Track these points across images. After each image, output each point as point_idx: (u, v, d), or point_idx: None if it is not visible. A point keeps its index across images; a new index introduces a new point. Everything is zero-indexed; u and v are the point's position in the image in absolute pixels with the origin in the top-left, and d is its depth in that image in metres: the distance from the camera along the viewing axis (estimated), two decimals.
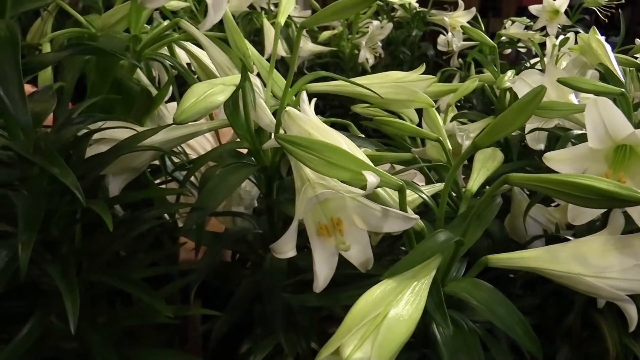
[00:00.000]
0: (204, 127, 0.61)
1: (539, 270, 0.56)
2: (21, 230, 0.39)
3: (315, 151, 0.48)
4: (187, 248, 0.72)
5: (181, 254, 0.77)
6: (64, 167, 0.38)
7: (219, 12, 0.34)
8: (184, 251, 0.75)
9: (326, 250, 0.50)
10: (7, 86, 0.34)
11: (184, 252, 0.77)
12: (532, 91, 0.49)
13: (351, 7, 0.53)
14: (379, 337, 0.39)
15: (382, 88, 0.65)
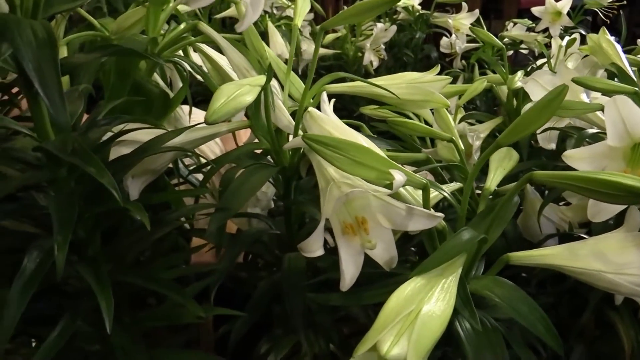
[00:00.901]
0: (223, 129, 0.62)
1: (559, 268, 0.57)
2: (56, 231, 0.39)
3: (342, 150, 0.48)
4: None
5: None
6: (101, 167, 0.39)
7: (257, 11, 0.34)
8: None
9: (352, 249, 0.51)
10: (46, 87, 0.34)
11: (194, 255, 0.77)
12: (554, 90, 0.49)
13: (373, 9, 0.54)
14: (414, 334, 0.40)
15: (399, 89, 0.65)
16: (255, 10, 0.33)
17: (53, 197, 0.41)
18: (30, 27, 0.36)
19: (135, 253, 0.51)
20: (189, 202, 0.68)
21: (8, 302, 0.39)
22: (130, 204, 0.42)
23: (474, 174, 0.54)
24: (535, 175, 0.49)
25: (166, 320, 0.52)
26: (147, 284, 0.47)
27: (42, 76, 0.34)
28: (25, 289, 0.40)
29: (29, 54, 0.34)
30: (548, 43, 1.39)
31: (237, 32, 0.61)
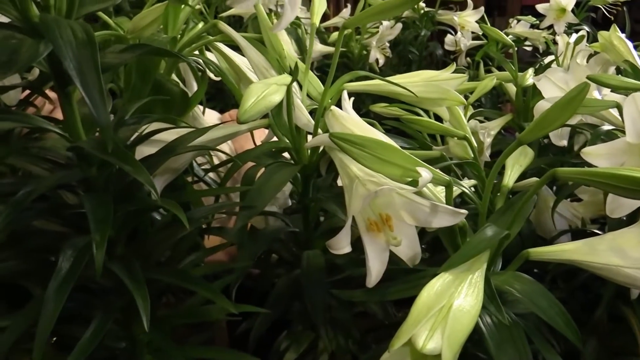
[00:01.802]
0: (243, 127, 0.62)
1: (578, 263, 0.57)
2: (93, 230, 0.39)
3: (369, 148, 0.49)
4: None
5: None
6: (138, 165, 0.39)
7: (294, 10, 0.34)
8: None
9: (377, 245, 0.51)
10: (87, 87, 0.34)
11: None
12: (576, 88, 0.50)
13: (396, 7, 0.54)
14: (448, 328, 0.40)
15: (416, 87, 0.66)
16: (293, 10, 0.34)
17: (87, 197, 0.41)
18: (69, 27, 0.36)
19: (160, 251, 0.52)
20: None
21: (45, 301, 0.40)
22: (167, 202, 0.43)
23: (495, 170, 0.55)
24: (559, 172, 0.50)
25: (194, 318, 0.52)
26: (178, 281, 0.48)
27: (83, 76, 0.34)
28: (62, 288, 0.40)
29: (70, 54, 0.34)
30: (553, 40, 1.40)
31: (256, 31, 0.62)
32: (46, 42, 0.38)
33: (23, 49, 0.37)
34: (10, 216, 0.39)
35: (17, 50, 0.37)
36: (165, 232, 0.52)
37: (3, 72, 0.36)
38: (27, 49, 0.37)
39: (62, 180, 0.44)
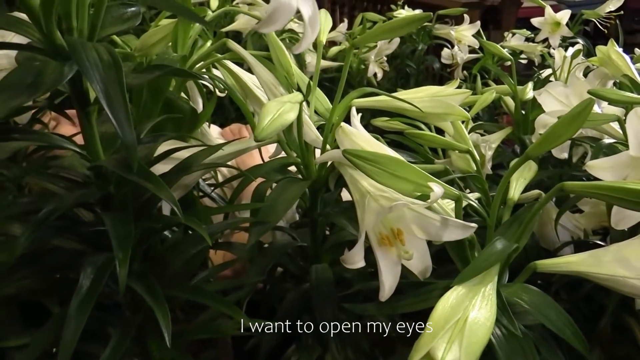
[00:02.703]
0: (253, 144, 0.63)
1: (584, 274, 0.58)
2: (116, 248, 0.40)
3: (381, 164, 0.50)
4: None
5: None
6: (161, 184, 0.40)
7: (315, 31, 0.35)
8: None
9: (389, 259, 0.52)
10: (113, 108, 0.35)
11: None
12: (582, 103, 0.51)
13: (404, 26, 0.55)
14: (465, 340, 0.41)
15: (421, 102, 0.67)
16: (313, 30, 0.35)
17: (108, 215, 0.42)
18: (95, 49, 0.37)
19: (173, 268, 0.52)
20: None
21: (68, 320, 0.40)
22: (190, 220, 0.43)
23: (504, 184, 0.56)
24: (567, 186, 0.51)
25: (207, 333, 0.53)
26: (196, 298, 0.48)
27: (109, 97, 0.35)
28: (83, 306, 0.41)
29: (97, 76, 0.35)
30: (547, 53, 1.43)
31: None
32: (71, 64, 0.38)
33: (47, 71, 0.38)
34: (33, 235, 0.39)
35: (41, 72, 0.38)
36: (179, 248, 0.52)
37: (29, 94, 0.36)
38: (51, 71, 0.38)
39: (82, 198, 0.44)
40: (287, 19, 0.32)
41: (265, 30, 0.32)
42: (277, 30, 1.44)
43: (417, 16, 0.55)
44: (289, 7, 0.31)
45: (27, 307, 0.51)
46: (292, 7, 0.32)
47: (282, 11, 0.31)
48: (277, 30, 1.45)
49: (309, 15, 0.34)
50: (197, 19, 0.32)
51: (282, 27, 0.32)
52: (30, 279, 0.47)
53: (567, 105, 0.78)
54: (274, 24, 0.31)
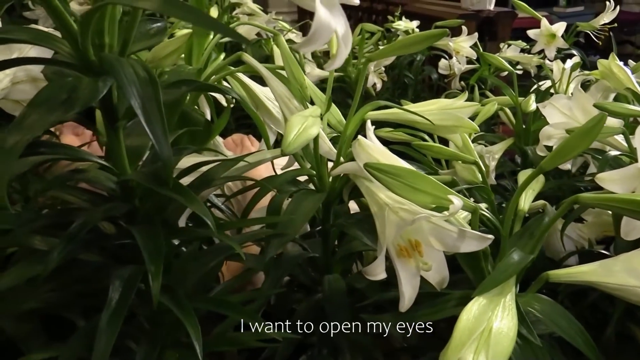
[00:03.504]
0: (267, 156, 0.63)
1: (595, 284, 0.59)
2: (148, 262, 0.40)
3: (401, 178, 0.51)
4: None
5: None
6: (192, 197, 0.40)
7: (348, 46, 0.36)
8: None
9: (408, 271, 0.53)
10: (151, 123, 0.35)
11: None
12: (595, 117, 0.53)
13: (418, 43, 0.56)
14: (490, 351, 0.42)
15: (432, 115, 0.68)
16: (346, 47, 0.35)
17: (137, 229, 0.42)
18: (130, 65, 0.37)
19: (192, 280, 0.52)
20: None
21: (99, 333, 0.40)
22: (224, 235, 0.44)
23: (518, 196, 0.57)
24: (581, 198, 0.52)
25: (226, 345, 0.53)
26: (219, 309, 0.49)
27: (146, 113, 0.36)
28: (114, 319, 0.41)
29: (135, 92, 0.36)
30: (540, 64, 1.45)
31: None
32: (104, 80, 0.39)
33: (81, 87, 0.38)
34: (66, 250, 0.40)
35: (75, 88, 0.38)
36: (199, 261, 0.53)
37: (65, 110, 0.37)
38: (85, 87, 0.38)
39: (110, 212, 0.45)
40: (327, 39, 0.33)
41: (305, 50, 0.33)
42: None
43: (434, 32, 0.56)
44: (328, 28, 0.32)
45: (48, 320, 0.51)
46: (331, 27, 0.32)
47: (322, 32, 0.32)
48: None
49: (342, 33, 0.35)
50: (236, 36, 0.33)
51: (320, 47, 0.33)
52: (54, 293, 0.47)
53: (571, 117, 0.79)
54: (314, 44, 0.32)
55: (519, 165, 1.07)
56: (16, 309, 0.47)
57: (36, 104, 0.37)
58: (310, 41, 0.32)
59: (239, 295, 0.59)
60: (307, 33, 0.33)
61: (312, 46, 0.32)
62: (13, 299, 0.45)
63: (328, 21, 0.32)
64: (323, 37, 0.32)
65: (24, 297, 0.45)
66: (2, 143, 0.34)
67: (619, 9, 1.41)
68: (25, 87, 0.60)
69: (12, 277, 0.42)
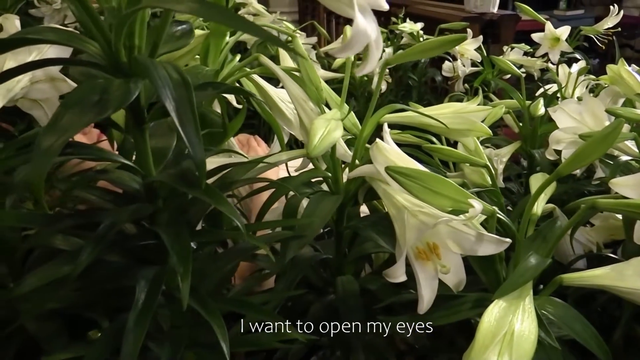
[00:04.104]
0: (283, 157, 0.64)
1: (607, 288, 0.60)
2: (177, 263, 0.40)
3: (422, 181, 0.51)
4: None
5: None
6: (222, 199, 0.40)
7: (379, 49, 0.37)
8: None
9: (427, 273, 0.53)
10: (185, 126, 0.36)
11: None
12: (613, 123, 0.53)
13: (438, 48, 0.57)
14: (514, 353, 0.43)
15: (446, 118, 0.68)
16: (378, 51, 0.36)
17: (163, 229, 0.42)
18: (164, 67, 0.37)
19: (212, 282, 0.53)
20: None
21: (126, 334, 0.40)
22: (253, 238, 0.44)
23: (534, 199, 0.58)
24: (599, 203, 0.53)
25: (246, 346, 0.53)
26: (242, 310, 0.49)
27: (180, 115, 0.36)
28: (141, 319, 0.41)
29: (169, 94, 0.36)
30: (545, 68, 1.46)
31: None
32: (135, 82, 0.39)
33: (112, 89, 0.39)
34: (96, 250, 0.40)
35: (106, 90, 0.39)
36: (217, 263, 0.53)
37: (97, 112, 0.37)
38: (117, 89, 0.38)
39: (137, 213, 0.45)
40: (364, 45, 0.33)
41: (343, 55, 0.33)
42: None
43: (453, 37, 0.56)
44: (365, 34, 0.32)
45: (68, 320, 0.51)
46: (367, 34, 0.33)
47: (360, 38, 0.32)
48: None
49: (374, 37, 0.36)
50: (276, 41, 0.33)
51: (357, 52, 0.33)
52: (77, 293, 0.47)
53: (581, 122, 0.80)
54: (352, 50, 0.32)
55: (524, 168, 1.07)
56: (39, 309, 0.47)
57: (69, 105, 0.37)
58: (347, 47, 0.32)
59: (256, 296, 0.59)
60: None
61: (349, 52, 0.32)
62: (36, 298, 0.45)
63: (365, 28, 0.33)
64: (360, 43, 0.32)
65: (47, 297, 0.45)
66: (38, 144, 0.34)
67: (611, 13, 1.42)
68: (44, 86, 0.60)
69: (39, 278, 0.42)
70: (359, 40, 0.32)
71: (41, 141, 0.34)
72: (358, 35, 0.32)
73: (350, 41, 0.32)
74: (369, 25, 0.34)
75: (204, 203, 0.49)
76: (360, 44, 0.32)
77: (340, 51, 0.32)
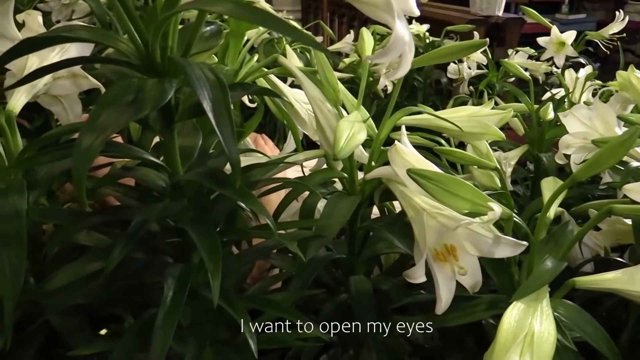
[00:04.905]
0: (300, 157, 0.64)
1: (618, 291, 0.61)
2: (207, 260, 0.41)
3: (443, 184, 0.52)
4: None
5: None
6: (253, 198, 0.41)
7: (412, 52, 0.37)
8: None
9: (445, 274, 0.54)
10: (221, 126, 0.36)
11: None
12: (630, 131, 0.54)
13: (457, 53, 0.58)
14: (535, 354, 0.43)
15: (460, 121, 0.69)
16: (411, 52, 0.36)
17: (193, 228, 0.43)
18: (200, 68, 0.38)
19: (233, 280, 0.53)
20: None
21: (155, 331, 0.41)
22: (284, 236, 0.45)
23: (550, 203, 0.58)
24: (615, 208, 0.54)
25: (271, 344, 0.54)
26: (266, 308, 0.49)
27: (217, 116, 0.36)
28: (169, 316, 0.41)
29: (206, 95, 0.36)
30: (550, 72, 1.47)
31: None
32: (169, 82, 0.40)
33: (147, 88, 0.39)
34: (128, 248, 0.40)
35: (141, 89, 0.39)
36: (239, 261, 0.54)
37: (134, 111, 0.37)
38: (151, 88, 0.39)
39: (166, 211, 0.45)
40: (402, 51, 0.34)
41: (382, 60, 0.34)
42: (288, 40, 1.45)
43: (474, 43, 0.57)
44: (403, 40, 0.33)
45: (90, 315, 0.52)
46: (405, 40, 0.33)
47: (399, 44, 0.33)
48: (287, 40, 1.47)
49: (408, 40, 0.36)
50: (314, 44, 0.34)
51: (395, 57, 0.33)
52: (102, 289, 0.48)
53: (591, 127, 0.81)
54: (391, 55, 0.33)
55: (530, 171, 1.09)
56: (65, 304, 0.47)
57: (104, 104, 0.37)
58: (387, 52, 0.33)
59: (273, 295, 0.60)
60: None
61: (388, 57, 0.33)
62: (62, 294, 0.46)
63: (403, 34, 0.33)
64: (399, 48, 0.33)
65: (74, 292, 0.46)
66: (78, 144, 0.35)
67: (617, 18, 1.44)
68: (65, 82, 0.60)
69: (69, 274, 0.43)
70: (398, 46, 0.33)
71: (81, 141, 0.35)
72: (397, 41, 0.32)
73: (389, 47, 0.32)
74: (406, 32, 0.34)
75: (228, 202, 0.49)
76: (399, 49, 0.33)
77: (380, 56, 0.33)
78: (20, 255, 0.42)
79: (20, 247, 0.42)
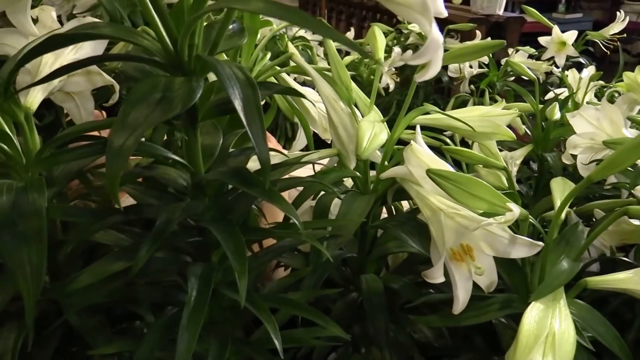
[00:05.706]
0: (315, 156, 0.64)
1: (629, 291, 0.62)
2: (233, 261, 0.40)
3: (461, 184, 0.52)
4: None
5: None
6: (281, 198, 0.41)
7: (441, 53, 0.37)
8: None
9: (462, 274, 0.54)
10: (252, 125, 0.36)
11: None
12: None
13: (474, 53, 0.58)
14: (557, 354, 0.44)
15: (473, 121, 0.69)
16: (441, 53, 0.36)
17: (217, 227, 0.43)
18: (229, 67, 0.38)
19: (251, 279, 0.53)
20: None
21: (181, 331, 0.40)
22: (310, 234, 0.45)
23: (564, 204, 0.59)
24: (631, 210, 0.54)
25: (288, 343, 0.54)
26: (285, 307, 0.49)
27: (247, 115, 0.36)
28: (195, 316, 0.41)
29: (237, 94, 0.36)
30: (550, 71, 1.48)
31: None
32: (197, 80, 0.39)
33: (174, 87, 0.39)
34: (154, 247, 0.40)
35: (168, 88, 0.39)
36: (258, 261, 0.53)
37: (163, 110, 0.37)
38: (179, 87, 0.39)
39: (188, 210, 0.45)
40: (436, 53, 0.34)
41: (419, 62, 0.34)
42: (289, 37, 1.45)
43: (490, 43, 0.57)
44: (437, 43, 0.33)
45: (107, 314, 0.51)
46: (439, 42, 0.34)
47: (434, 47, 0.33)
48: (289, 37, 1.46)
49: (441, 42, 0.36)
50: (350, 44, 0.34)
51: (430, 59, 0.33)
52: (122, 288, 0.47)
53: (598, 128, 0.82)
54: (426, 57, 0.33)
55: (534, 171, 1.09)
56: (85, 303, 0.47)
57: (133, 102, 0.37)
58: (423, 54, 0.33)
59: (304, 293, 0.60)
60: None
61: (423, 59, 0.33)
62: (83, 293, 0.45)
63: (438, 37, 0.33)
64: (434, 51, 0.33)
65: (95, 291, 0.46)
66: (110, 144, 0.34)
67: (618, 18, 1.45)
68: (80, 79, 0.60)
69: (93, 274, 0.43)
70: (433, 48, 0.33)
71: (112, 141, 0.34)
72: (433, 43, 0.32)
73: (425, 49, 0.32)
74: (439, 33, 0.34)
75: (248, 201, 0.49)
76: (433, 51, 0.33)
77: (415, 58, 0.33)
78: (40, 254, 0.42)
79: (40, 246, 0.42)
